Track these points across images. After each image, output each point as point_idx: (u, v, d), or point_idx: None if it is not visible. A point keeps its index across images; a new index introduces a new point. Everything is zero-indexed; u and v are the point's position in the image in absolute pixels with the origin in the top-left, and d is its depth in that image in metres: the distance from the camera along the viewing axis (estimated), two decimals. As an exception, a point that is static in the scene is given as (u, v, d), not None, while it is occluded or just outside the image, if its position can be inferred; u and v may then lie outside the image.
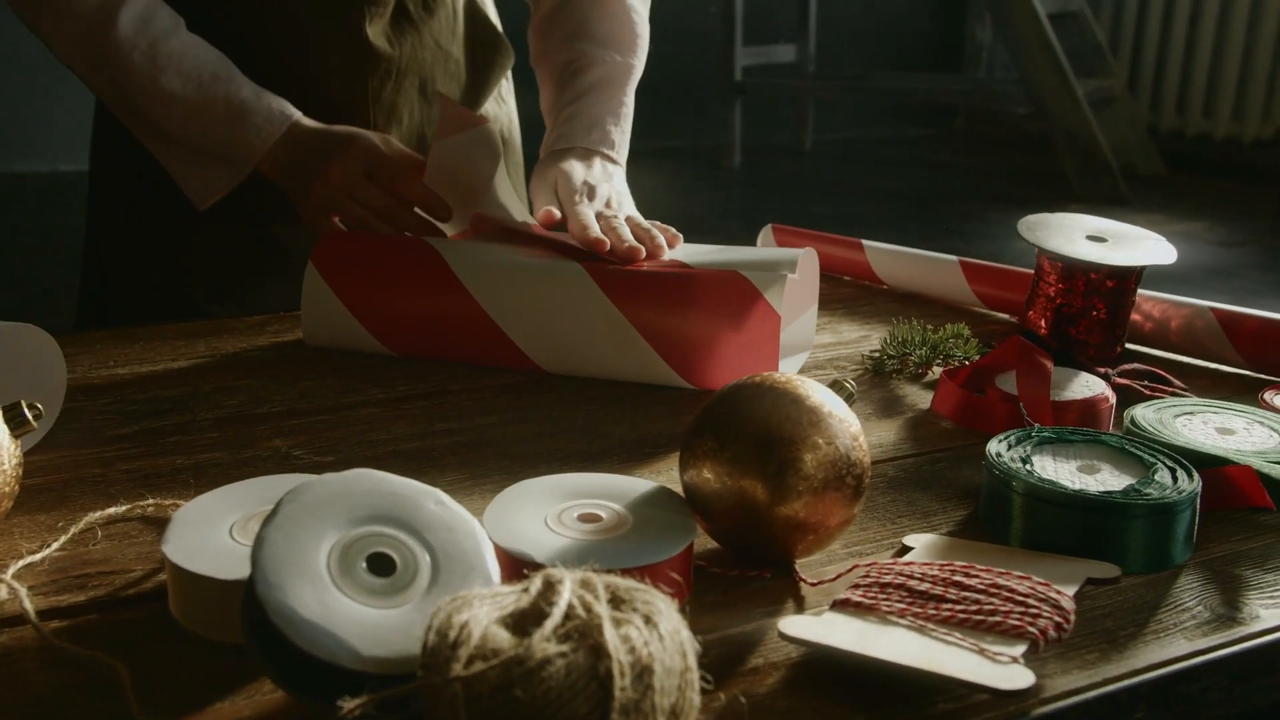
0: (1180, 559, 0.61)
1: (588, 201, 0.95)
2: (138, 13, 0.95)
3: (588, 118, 1.03)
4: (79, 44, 0.95)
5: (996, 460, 0.63)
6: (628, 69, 1.09)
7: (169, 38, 0.96)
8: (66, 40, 0.96)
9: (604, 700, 0.39)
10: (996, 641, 0.49)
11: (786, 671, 0.50)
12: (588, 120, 1.03)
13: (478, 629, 0.41)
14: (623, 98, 1.07)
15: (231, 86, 0.97)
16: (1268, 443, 0.69)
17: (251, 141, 0.96)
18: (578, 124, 1.03)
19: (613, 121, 1.04)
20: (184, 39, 0.98)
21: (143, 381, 0.84)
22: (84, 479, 0.68)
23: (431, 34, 1.14)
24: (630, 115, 1.08)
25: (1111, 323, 0.88)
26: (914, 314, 1.03)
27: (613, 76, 1.08)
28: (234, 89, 0.97)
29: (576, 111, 1.04)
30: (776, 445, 0.55)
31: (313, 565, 0.47)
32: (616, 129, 1.04)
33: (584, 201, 0.95)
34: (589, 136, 1.02)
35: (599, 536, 0.54)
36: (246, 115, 0.96)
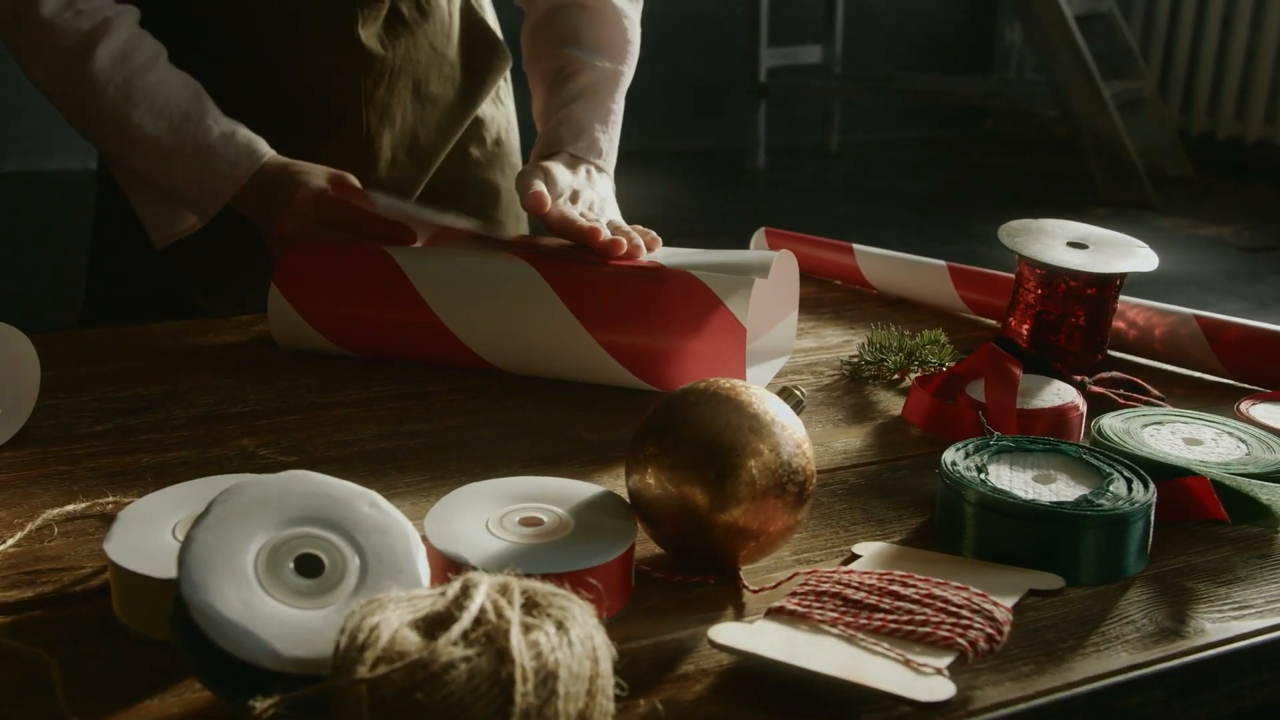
0: (1134, 570, 0.60)
1: (570, 205, 0.95)
2: (117, 48, 0.96)
3: (575, 124, 1.04)
4: (55, 75, 0.96)
5: (950, 469, 0.63)
6: (617, 75, 1.09)
7: (145, 73, 0.97)
8: (43, 69, 0.96)
9: (505, 705, 0.40)
10: (924, 652, 0.49)
11: (716, 679, 0.50)
12: (575, 127, 1.03)
13: (387, 631, 0.41)
14: (611, 104, 1.07)
15: (201, 128, 0.97)
16: (1234, 454, 0.69)
17: (218, 187, 0.97)
18: (565, 131, 1.03)
19: (601, 129, 1.04)
20: (161, 73, 0.98)
21: (124, 379, 0.85)
22: (50, 475, 0.69)
23: (426, 36, 1.15)
24: (619, 121, 1.08)
25: (1092, 330, 0.87)
26: (901, 319, 1.02)
27: (602, 83, 1.08)
28: (203, 130, 0.97)
29: (565, 118, 1.05)
30: (716, 452, 0.55)
31: (239, 565, 0.47)
32: (604, 136, 1.04)
33: (568, 205, 0.95)
34: (576, 143, 1.03)
35: (536, 540, 0.55)
36: (214, 159, 0.97)
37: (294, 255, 0.91)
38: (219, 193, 0.98)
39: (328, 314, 0.89)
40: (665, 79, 5.41)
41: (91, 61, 0.94)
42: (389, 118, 1.14)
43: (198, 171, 0.97)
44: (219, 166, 0.97)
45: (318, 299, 0.89)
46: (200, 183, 0.97)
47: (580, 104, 1.05)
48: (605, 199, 1.00)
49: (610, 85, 1.09)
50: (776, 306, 0.94)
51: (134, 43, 0.97)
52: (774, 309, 0.94)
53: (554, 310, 0.83)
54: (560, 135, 1.03)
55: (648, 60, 5.12)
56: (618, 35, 1.11)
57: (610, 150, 1.05)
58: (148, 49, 0.98)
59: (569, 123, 1.04)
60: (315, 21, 1.06)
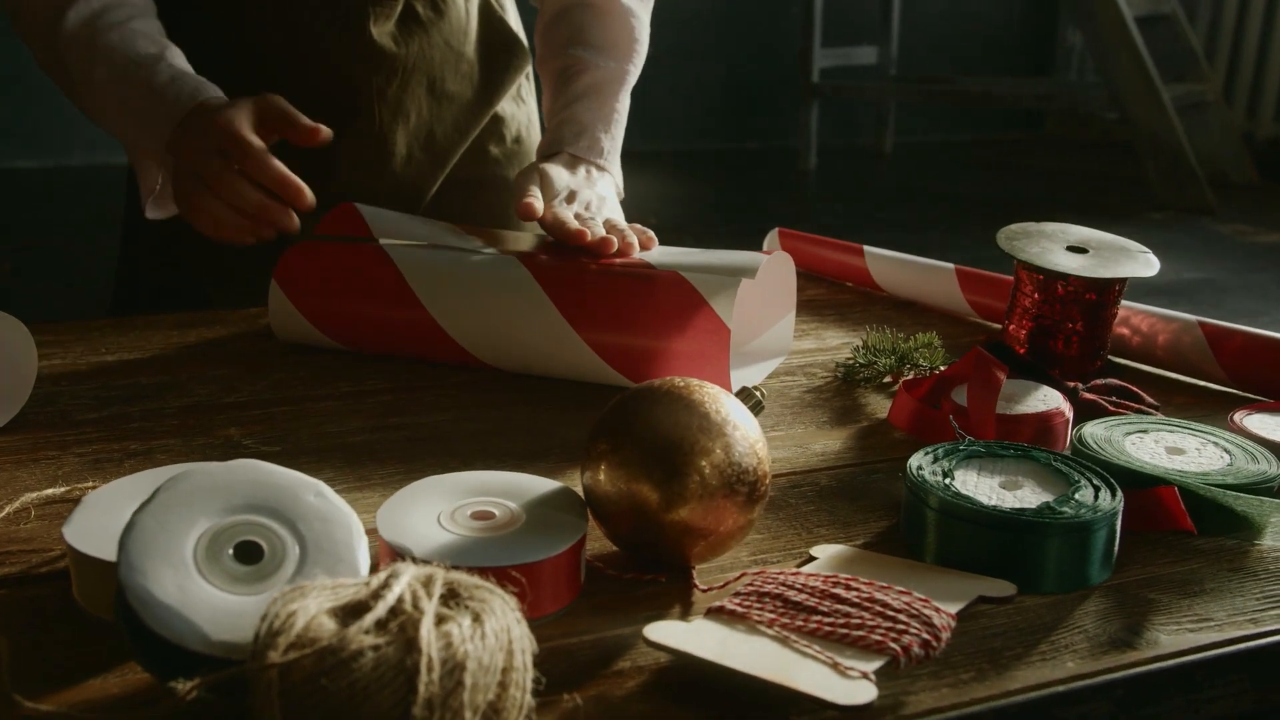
0: (1097, 579, 0.59)
1: (566, 206, 0.95)
2: (91, 10, 0.95)
3: (577, 125, 1.04)
4: (37, 42, 0.97)
5: (915, 474, 0.62)
6: (622, 74, 1.10)
7: (110, 30, 0.94)
8: (29, 39, 0.98)
9: (409, 693, 0.40)
10: (856, 656, 0.48)
11: (650, 677, 0.50)
12: (577, 127, 1.04)
13: (303, 618, 0.42)
14: (615, 104, 1.08)
15: (151, 72, 0.92)
16: (1215, 464, 0.67)
17: (160, 127, 0.91)
18: (567, 131, 1.04)
19: (603, 129, 1.05)
20: (127, 30, 0.95)
21: (126, 368, 0.88)
22: (39, 460, 0.71)
23: (441, 35, 1.16)
24: (623, 120, 1.09)
25: (1091, 336, 0.86)
26: (906, 322, 1.02)
27: (605, 82, 1.08)
28: (153, 74, 0.92)
29: (567, 118, 1.05)
30: (666, 451, 0.55)
31: (178, 550, 0.48)
32: (606, 135, 1.05)
33: (563, 206, 0.95)
34: (577, 143, 1.03)
35: (482, 534, 0.55)
36: (158, 100, 0.92)
37: (293, 254, 0.92)
38: (159, 133, 0.91)
39: (325, 311, 0.90)
40: (719, 79, 5.41)
41: (63, 23, 0.94)
42: (403, 114, 1.15)
43: (145, 115, 0.92)
44: (161, 107, 0.91)
45: (316, 296, 0.90)
46: (146, 127, 0.92)
47: (583, 104, 1.06)
48: (604, 198, 1.00)
49: (614, 85, 1.09)
50: (772, 307, 0.93)
51: (108, 5, 0.95)
52: (770, 310, 0.93)
53: (542, 308, 0.83)
54: (562, 135, 1.04)
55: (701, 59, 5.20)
56: (624, 34, 1.11)
57: (612, 149, 1.06)
58: (121, 13, 0.96)
59: (571, 123, 1.04)
60: (327, 18, 1.08)
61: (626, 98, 1.10)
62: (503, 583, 0.47)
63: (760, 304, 0.92)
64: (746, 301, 0.91)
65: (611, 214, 0.98)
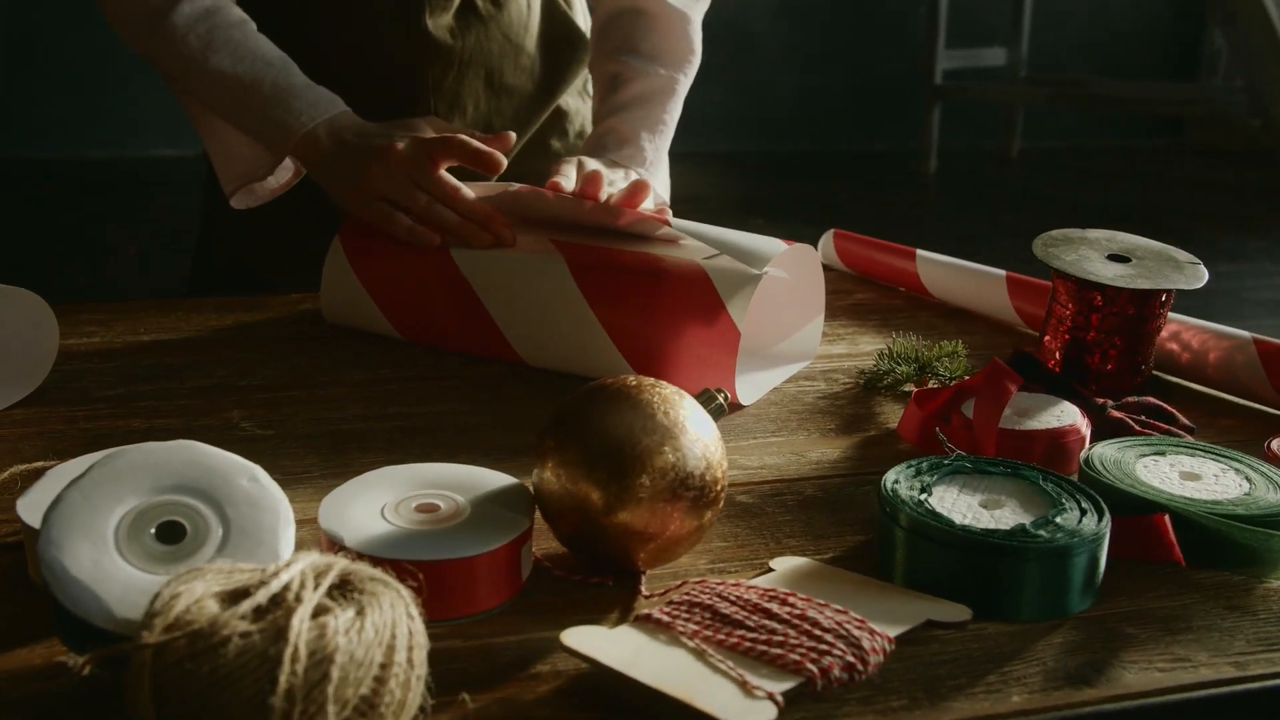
0: (1077, 608, 0.55)
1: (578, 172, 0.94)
2: (201, 7, 1.01)
3: (620, 134, 1.03)
4: (135, 31, 1.01)
5: (888, 489, 0.59)
6: (672, 83, 1.08)
7: (230, 29, 1.01)
8: (125, 26, 1.02)
9: (271, 682, 0.40)
10: (770, 675, 0.46)
11: (566, 683, 0.49)
12: (619, 137, 1.03)
13: (185, 601, 0.42)
14: (662, 114, 1.06)
15: (283, 75, 0.99)
16: (1230, 492, 0.62)
17: (288, 123, 0.96)
18: (610, 139, 1.03)
19: (648, 137, 1.03)
20: (247, 32, 1.02)
21: (156, 348, 0.90)
22: (45, 434, 0.73)
23: (500, 28, 1.16)
24: (670, 130, 1.07)
25: (1129, 351, 0.81)
26: (950, 330, 0.98)
27: (654, 92, 1.07)
28: (284, 76, 0.99)
29: (611, 127, 1.04)
30: (609, 452, 0.53)
31: (100, 527, 0.49)
32: (650, 144, 1.03)
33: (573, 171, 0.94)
34: (620, 151, 1.02)
35: (420, 526, 0.54)
36: (290, 99, 0.97)
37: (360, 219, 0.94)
38: (290, 130, 0.96)
39: (380, 279, 0.91)
40: (842, 80, 5.33)
41: (171, 17, 0.98)
42: (459, 106, 1.16)
43: (272, 109, 0.96)
44: (295, 105, 0.96)
45: (374, 263, 0.91)
46: (274, 121, 0.96)
47: (629, 113, 1.04)
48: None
49: (664, 94, 1.07)
50: (800, 309, 0.90)
51: (219, 7, 1.01)
52: (798, 311, 0.90)
53: (568, 291, 0.83)
54: (605, 143, 1.03)
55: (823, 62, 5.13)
56: (678, 42, 1.09)
57: (656, 158, 1.04)
58: (234, 14, 1.01)
59: (614, 132, 1.03)
60: (383, 9, 1.09)
61: (676, 106, 1.08)
62: (402, 577, 0.46)
63: (788, 304, 0.89)
64: (773, 302, 0.88)
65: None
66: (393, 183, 0.92)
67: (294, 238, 1.15)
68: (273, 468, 0.68)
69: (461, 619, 0.53)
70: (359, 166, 0.94)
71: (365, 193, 0.93)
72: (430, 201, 0.91)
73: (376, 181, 0.92)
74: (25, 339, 0.79)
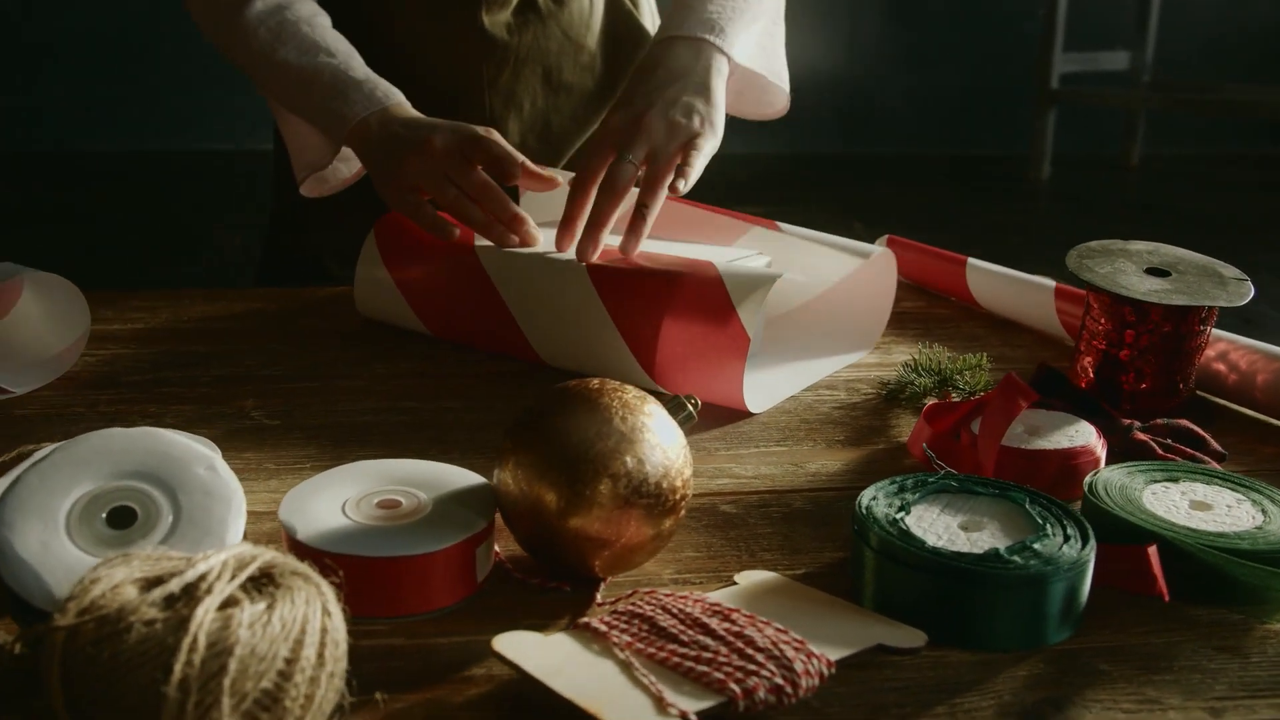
0: (1054, 638, 0.52)
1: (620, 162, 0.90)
2: (275, 3, 1.02)
3: (684, 7, 0.97)
4: (213, 25, 1.04)
5: (863, 507, 0.57)
6: None
7: (299, 23, 1.02)
8: (205, 22, 1.05)
9: (167, 671, 0.40)
10: (692, 692, 0.45)
11: (497, 688, 0.48)
12: (683, 10, 0.97)
13: (103, 586, 0.43)
14: None
15: (343, 65, 1.00)
16: (1241, 525, 0.58)
17: (344, 113, 0.97)
18: (675, 17, 0.97)
19: (717, 8, 0.97)
20: (316, 25, 1.02)
21: (193, 336, 0.92)
22: (64, 415, 0.75)
23: (560, 25, 1.16)
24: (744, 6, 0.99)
25: (1167, 370, 0.76)
26: (994, 342, 0.94)
27: None
28: (344, 67, 0.99)
29: (679, 4, 0.98)
30: (565, 456, 0.53)
31: (53, 509, 0.50)
32: (722, 15, 0.97)
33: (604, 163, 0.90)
34: (684, 24, 0.96)
35: (373, 522, 0.54)
36: (348, 90, 0.98)
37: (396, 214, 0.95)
38: (345, 119, 0.97)
39: (410, 274, 0.92)
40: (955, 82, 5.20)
41: (245, 11, 1.01)
42: (515, 103, 1.16)
43: (330, 99, 0.97)
44: (353, 95, 0.97)
45: (406, 258, 0.92)
46: (331, 111, 0.98)
47: None
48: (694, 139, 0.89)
49: None
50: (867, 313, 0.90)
51: (290, 1, 1.03)
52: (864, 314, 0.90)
53: (585, 290, 0.82)
54: (669, 21, 0.97)
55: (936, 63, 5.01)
56: None
57: (729, 28, 0.97)
58: (306, 8, 1.03)
59: (679, 8, 0.97)
60: (439, 5, 1.10)
61: None
62: (325, 572, 0.46)
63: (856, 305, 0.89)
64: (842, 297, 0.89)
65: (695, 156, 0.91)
66: (426, 174, 0.91)
67: (355, 230, 1.17)
68: (270, 457, 0.70)
69: (410, 617, 0.53)
70: (400, 156, 0.94)
71: (400, 182, 0.93)
72: (459, 196, 0.90)
73: (411, 171, 0.92)
74: (58, 323, 0.82)
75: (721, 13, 0.97)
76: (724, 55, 0.94)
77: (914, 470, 0.70)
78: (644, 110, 0.89)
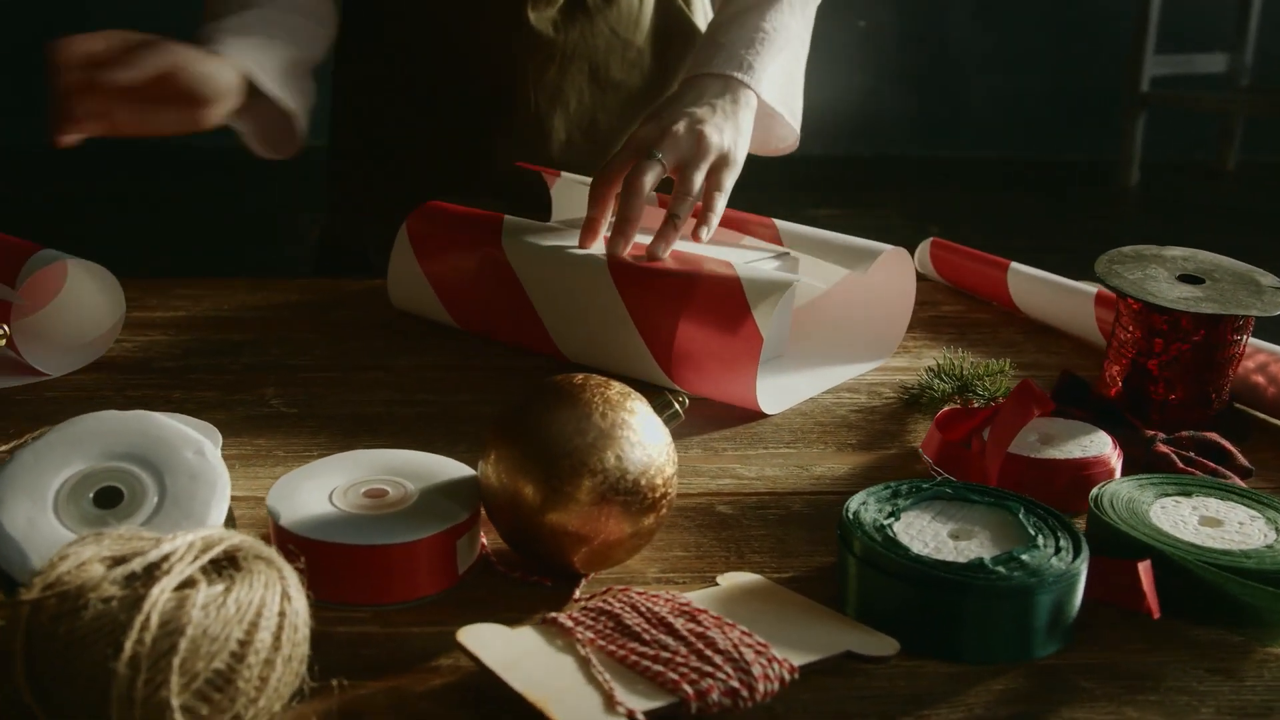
0: (1041, 652, 0.51)
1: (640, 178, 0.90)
2: None
3: (714, 45, 0.99)
4: None
5: (850, 512, 0.56)
6: None
7: None
8: None
9: (118, 649, 0.41)
10: (645, 691, 0.44)
11: (461, 678, 0.48)
12: (713, 48, 0.98)
13: (71, 563, 0.44)
14: (760, 22, 1.00)
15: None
16: (1248, 542, 0.56)
17: None
18: (703, 54, 0.99)
19: (745, 47, 0.98)
20: None
21: (227, 325, 0.94)
22: (93, 399, 0.78)
23: (608, 22, 1.16)
24: (775, 37, 1.00)
25: (1198, 381, 0.74)
26: (1029, 348, 0.92)
27: (756, 4, 1.02)
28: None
29: (708, 40, 1.00)
30: (543, 451, 0.53)
31: (43, 487, 0.51)
32: (749, 51, 0.98)
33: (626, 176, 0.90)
34: (712, 62, 0.97)
35: (357, 511, 0.55)
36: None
37: (428, 207, 0.96)
38: None
39: (439, 267, 0.93)
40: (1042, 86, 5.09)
41: None
42: (560, 99, 1.16)
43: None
44: None
45: (436, 251, 0.93)
46: None
47: (726, 27, 1.00)
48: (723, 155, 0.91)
49: (764, 6, 1.02)
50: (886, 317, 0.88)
51: None
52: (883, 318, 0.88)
53: (605, 287, 0.82)
54: (697, 58, 0.99)
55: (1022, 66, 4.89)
56: None
57: (756, 63, 0.98)
58: None
59: (707, 45, 0.99)
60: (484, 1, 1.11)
61: (779, 17, 1.02)
62: (290, 558, 0.46)
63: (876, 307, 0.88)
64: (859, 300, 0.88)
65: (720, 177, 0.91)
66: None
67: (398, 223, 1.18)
68: (281, 445, 0.71)
69: (388, 606, 0.53)
70: None
71: None
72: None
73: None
74: (95, 310, 0.85)
75: (750, 48, 0.98)
76: (753, 91, 0.96)
77: (921, 477, 0.69)
78: (671, 123, 0.90)
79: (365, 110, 1.21)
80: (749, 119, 0.95)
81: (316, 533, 0.53)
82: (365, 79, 1.20)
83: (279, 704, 0.45)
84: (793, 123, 1.03)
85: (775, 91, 1.00)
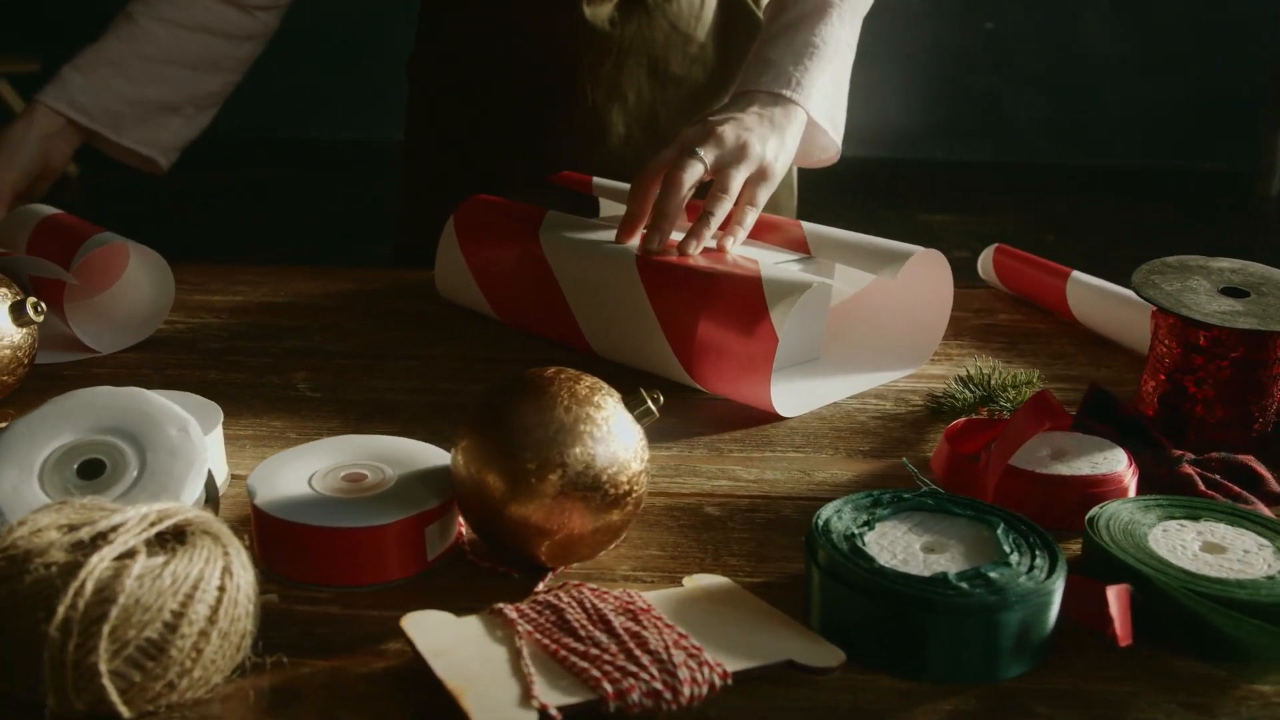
0: (1007, 673, 0.49)
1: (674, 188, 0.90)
2: None
3: (763, 61, 0.99)
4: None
5: (821, 520, 0.54)
6: (824, 8, 1.02)
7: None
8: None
9: (50, 613, 0.42)
10: (568, 687, 0.44)
11: (404, 663, 0.49)
12: (762, 64, 0.98)
13: (27, 529, 0.46)
14: (810, 36, 1.00)
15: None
16: (1250, 572, 0.52)
17: None
18: (752, 70, 0.99)
19: (792, 62, 0.98)
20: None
21: (279, 310, 0.97)
22: (134, 376, 0.81)
23: (667, 17, 1.16)
24: (825, 51, 1.00)
25: (1240, 400, 0.70)
26: (1081, 361, 0.89)
27: (802, 17, 1.02)
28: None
29: (754, 56, 1.00)
30: (507, 443, 0.53)
31: (31, 457, 0.54)
32: (797, 67, 0.97)
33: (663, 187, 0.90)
34: (760, 79, 0.97)
35: (330, 494, 0.56)
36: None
37: (473, 202, 0.98)
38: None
39: (481, 260, 0.94)
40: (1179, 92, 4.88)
41: None
42: (618, 93, 1.16)
43: None
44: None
45: (479, 244, 0.94)
46: None
47: (774, 42, 1.00)
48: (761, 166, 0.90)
49: (812, 19, 1.02)
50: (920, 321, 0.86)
51: None
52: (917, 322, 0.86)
53: (631, 282, 0.82)
54: (748, 75, 0.99)
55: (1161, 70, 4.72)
56: None
57: (805, 79, 0.98)
58: None
59: (756, 61, 0.99)
60: None
61: (828, 29, 1.01)
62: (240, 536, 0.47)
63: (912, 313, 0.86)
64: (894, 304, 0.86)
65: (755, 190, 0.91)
66: None
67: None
68: (295, 427, 0.73)
69: (353, 588, 0.54)
70: None
71: None
72: None
73: None
74: (147, 291, 0.88)
75: (798, 64, 0.98)
76: (802, 109, 0.95)
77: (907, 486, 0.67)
78: (717, 124, 0.90)
79: (435, 103, 1.24)
80: (795, 135, 0.95)
81: (287, 513, 0.54)
82: (433, 72, 1.22)
83: (219, 676, 0.46)
84: (835, 137, 1.02)
85: (824, 107, 1.00)
